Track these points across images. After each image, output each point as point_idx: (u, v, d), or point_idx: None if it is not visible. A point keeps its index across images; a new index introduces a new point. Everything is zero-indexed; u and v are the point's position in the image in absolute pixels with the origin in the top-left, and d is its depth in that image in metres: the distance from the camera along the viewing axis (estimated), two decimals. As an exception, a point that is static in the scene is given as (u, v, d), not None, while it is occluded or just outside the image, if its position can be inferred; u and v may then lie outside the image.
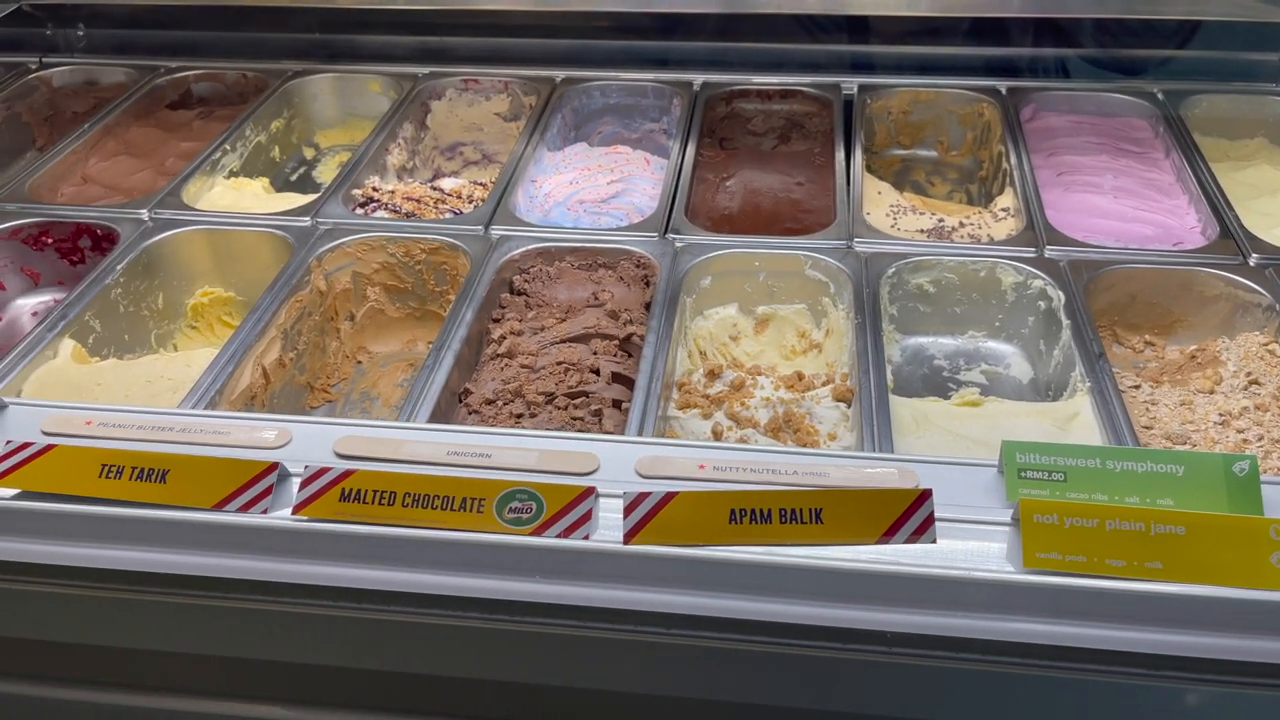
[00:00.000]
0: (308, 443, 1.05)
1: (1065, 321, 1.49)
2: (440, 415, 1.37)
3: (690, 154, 1.94)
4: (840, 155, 1.91)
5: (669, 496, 0.93)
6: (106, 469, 0.98)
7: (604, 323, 1.55)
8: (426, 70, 2.27)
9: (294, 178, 2.21)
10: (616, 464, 1.02)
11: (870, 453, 1.06)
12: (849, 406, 1.43)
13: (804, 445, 1.36)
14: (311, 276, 1.66)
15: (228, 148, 2.03)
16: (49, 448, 1.00)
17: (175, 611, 0.95)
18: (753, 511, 0.92)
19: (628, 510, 0.93)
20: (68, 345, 1.52)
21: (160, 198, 1.82)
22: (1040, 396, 1.52)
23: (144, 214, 1.78)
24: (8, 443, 1.01)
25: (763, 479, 0.99)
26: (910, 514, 0.92)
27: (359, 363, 1.77)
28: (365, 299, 1.77)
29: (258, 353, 1.50)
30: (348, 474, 0.97)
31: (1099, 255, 1.60)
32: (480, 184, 1.95)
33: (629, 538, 0.92)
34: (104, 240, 1.78)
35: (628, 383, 1.45)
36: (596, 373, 1.45)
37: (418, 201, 1.82)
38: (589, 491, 0.94)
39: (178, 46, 2.39)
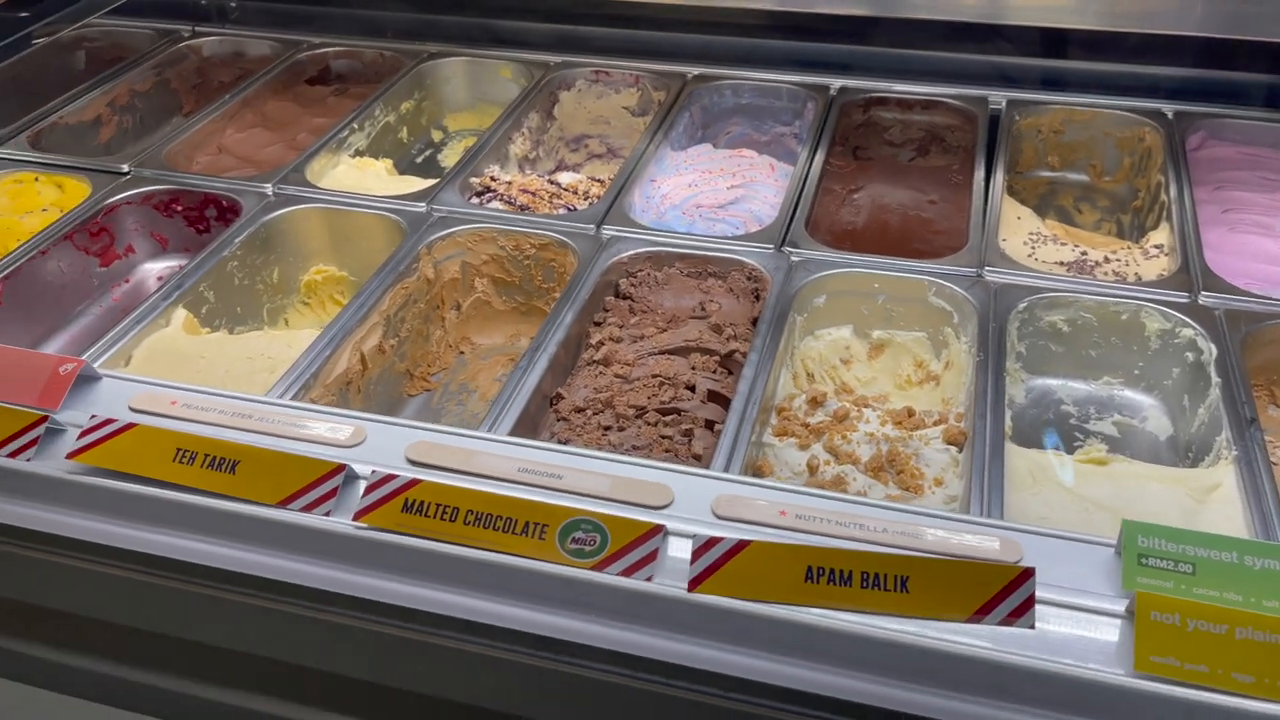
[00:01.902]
0: (382, 443, 1.03)
1: (1215, 379, 1.34)
2: (529, 419, 1.33)
3: (818, 162, 1.85)
4: (980, 174, 1.79)
5: (741, 545, 0.86)
6: (181, 453, 0.98)
7: (706, 336, 1.49)
8: (558, 59, 2.24)
9: (420, 160, 2.21)
10: (692, 499, 0.95)
11: (973, 516, 0.96)
12: (960, 451, 1.33)
13: (906, 488, 1.27)
14: (420, 264, 1.65)
15: (355, 126, 2.04)
16: (130, 426, 1.00)
17: (220, 606, 0.93)
18: (832, 571, 0.85)
19: (696, 554, 0.86)
20: (180, 315, 1.55)
21: (284, 173, 1.84)
22: (1178, 458, 1.38)
23: (268, 188, 1.80)
24: (92, 417, 1.01)
25: (849, 534, 0.91)
26: (1008, 593, 0.82)
27: (461, 353, 1.76)
28: (473, 290, 1.75)
29: (357, 338, 1.50)
30: (413, 484, 0.94)
31: (1261, 306, 1.45)
32: (599, 180, 1.91)
33: (694, 585, 0.85)
34: (228, 211, 1.81)
35: (724, 402, 1.38)
36: (692, 389, 1.39)
37: (533, 195, 1.79)
38: (657, 530, 0.88)
39: (323, 22, 2.42)
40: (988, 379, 1.34)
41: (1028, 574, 0.83)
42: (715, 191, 1.81)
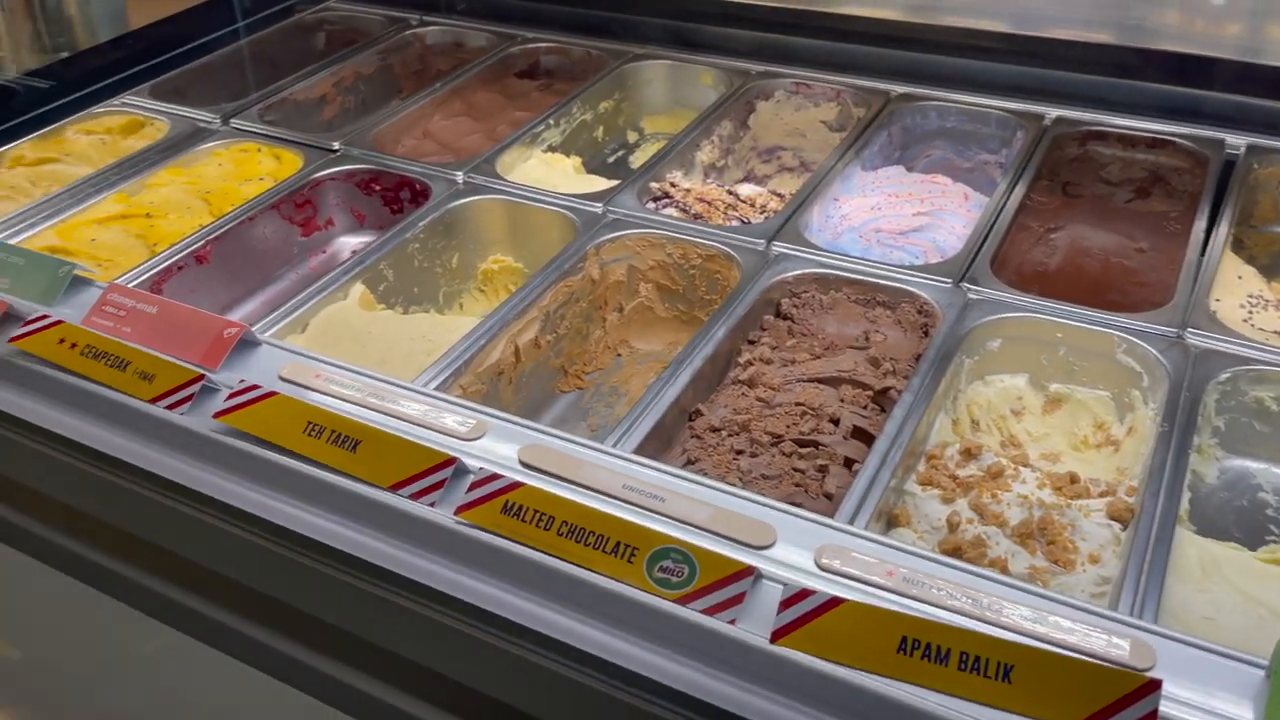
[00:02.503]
0: (500, 439, 1.04)
1: None
2: (663, 432, 1.31)
3: (1018, 195, 1.73)
4: (1201, 224, 1.62)
5: (834, 602, 0.81)
6: (311, 426, 1.02)
7: (861, 368, 1.42)
8: (760, 68, 2.20)
9: (611, 160, 2.23)
10: (796, 544, 0.90)
11: (1106, 609, 0.86)
12: (1124, 528, 1.20)
13: (1055, 561, 1.16)
14: (586, 263, 1.66)
15: (551, 122, 2.08)
16: (271, 394, 1.05)
17: (320, 580, 0.96)
18: (928, 646, 0.78)
19: (785, 604, 0.82)
20: (358, 289, 1.62)
21: (476, 163, 1.90)
22: (1394, 573, 1.19)
23: (458, 176, 1.87)
24: (240, 381, 1.07)
25: (958, 606, 0.83)
26: (1126, 705, 0.73)
27: (618, 356, 1.76)
28: (636, 294, 1.75)
29: (514, 331, 1.52)
30: (515, 486, 0.94)
31: None
32: (779, 195, 1.86)
33: (777, 636, 0.81)
34: (420, 195, 1.89)
35: (869, 441, 1.32)
36: (836, 423, 1.32)
37: (708, 204, 1.77)
38: (748, 571, 0.84)
39: (539, 17, 2.49)
40: (1169, 453, 1.20)
41: (1153, 686, 0.73)
42: (899, 217, 1.73)
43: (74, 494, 1.10)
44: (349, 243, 1.97)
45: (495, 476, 0.94)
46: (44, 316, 1.18)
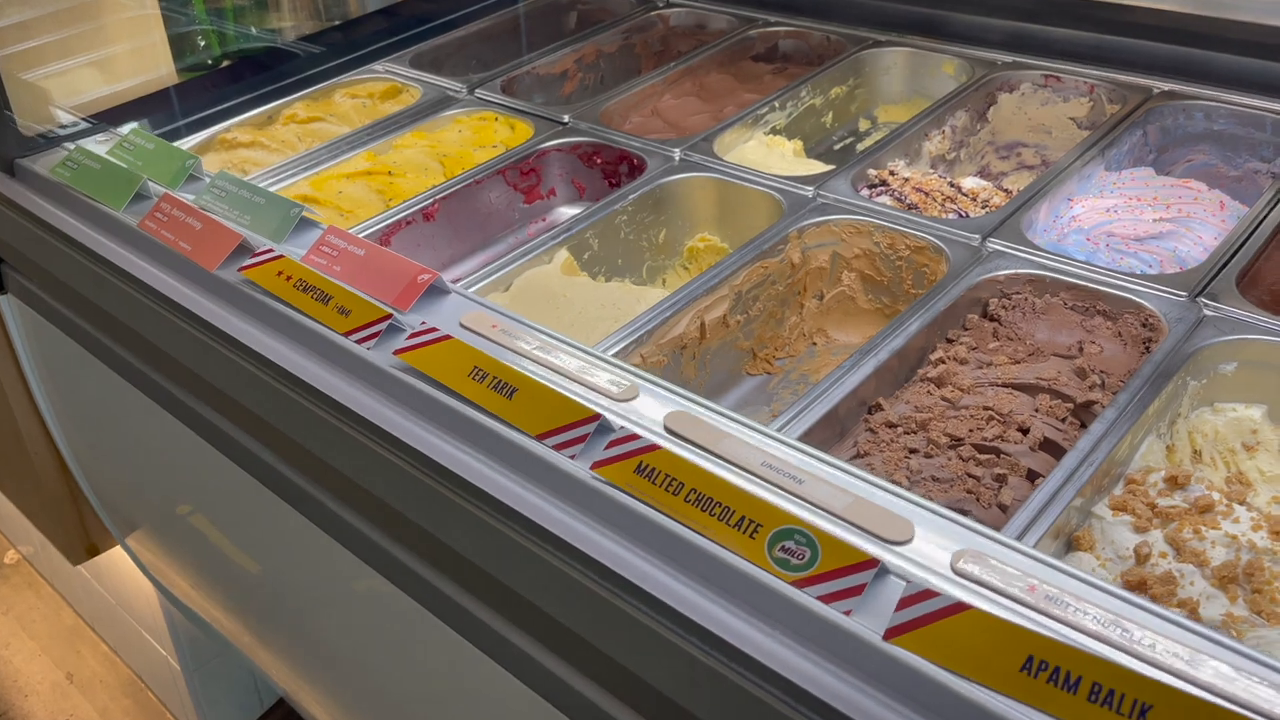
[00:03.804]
0: (651, 404, 1.04)
1: None
2: (835, 421, 1.27)
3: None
4: None
5: (958, 606, 0.75)
6: (476, 370, 1.06)
7: (1065, 379, 1.31)
8: (1008, 58, 2.08)
9: (839, 147, 2.18)
10: (934, 544, 0.85)
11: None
12: (1354, 589, 1.04)
13: (1259, 612, 1.03)
14: (787, 246, 1.63)
15: (776, 105, 2.06)
16: (445, 338, 1.11)
17: (461, 516, 1.00)
18: (1056, 670, 0.71)
19: (903, 603, 0.77)
20: (562, 255, 1.67)
21: (695, 141, 1.90)
22: None
23: (675, 153, 1.88)
24: (422, 323, 1.14)
25: (1104, 634, 0.75)
26: (1284, 773, 0.63)
27: (814, 344, 1.72)
28: (839, 282, 1.69)
29: (701, 306, 1.52)
30: (651, 448, 0.93)
31: None
32: (1008, 191, 1.74)
33: (891, 634, 0.76)
34: (637, 170, 1.92)
35: (1060, 455, 1.21)
36: (1025, 433, 1.23)
37: (925, 194, 1.69)
38: (871, 563, 0.80)
39: (781, 1, 2.46)
40: None
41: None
42: (1137, 222, 1.57)
43: (273, 413, 1.21)
44: (567, 213, 2.04)
45: (633, 437, 0.94)
46: (269, 250, 1.30)
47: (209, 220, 1.38)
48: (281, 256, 1.28)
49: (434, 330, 1.12)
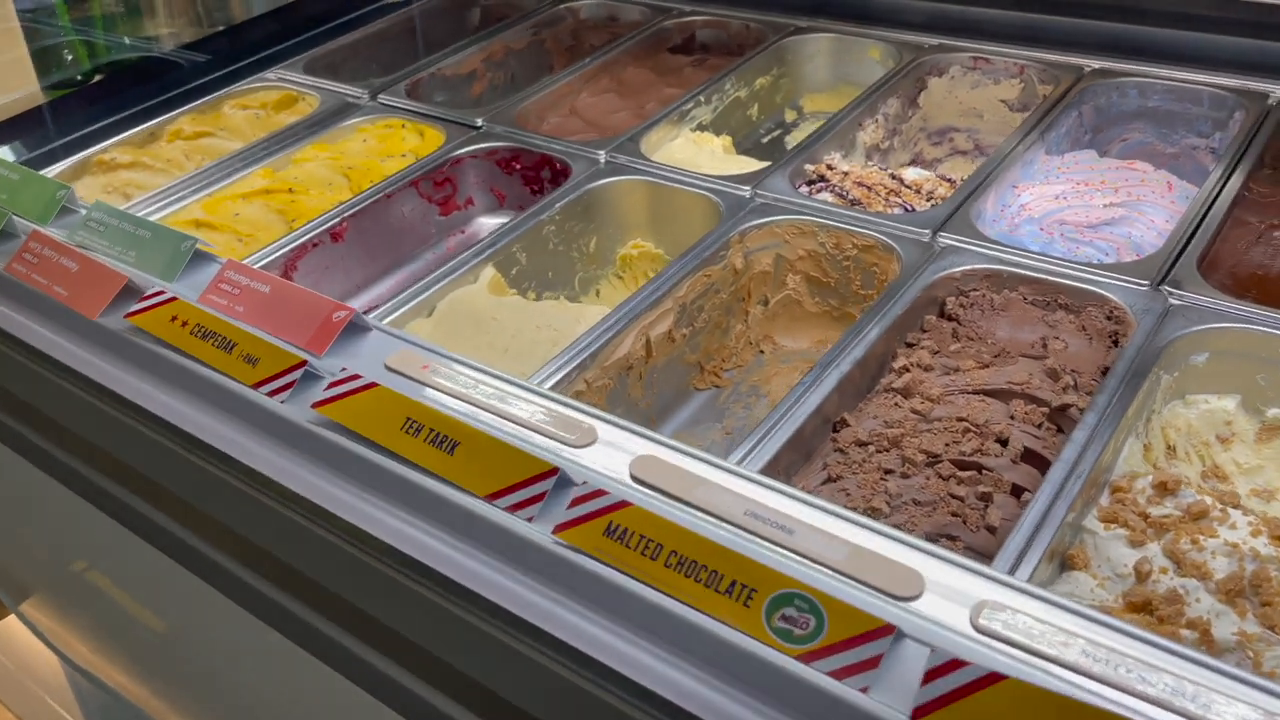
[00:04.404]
0: (611, 448, 0.92)
1: None
2: (801, 442, 1.18)
3: (1234, 186, 1.49)
4: None
5: (992, 677, 0.66)
6: (410, 423, 0.93)
7: (1037, 381, 1.23)
8: (934, 41, 2.01)
9: (766, 140, 2.09)
10: (949, 596, 0.75)
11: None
12: (1363, 593, 0.99)
13: (1271, 626, 0.96)
14: (729, 252, 1.53)
15: (701, 99, 1.96)
16: (371, 385, 0.98)
17: (402, 592, 0.88)
18: (1112, 745, 0.62)
19: (930, 675, 0.67)
20: (488, 272, 1.55)
21: (620, 141, 1.79)
22: None
23: (600, 155, 1.77)
24: (342, 369, 1.00)
25: (1164, 699, 0.67)
26: None
27: (761, 352, 1.62)
28: (784, 286, 1.60)
29: (645, 323, 1.41)
30: (621, 505, 0.82)
31: None
32: (949, 180, 1.67)
33: (919, 715, 0.66)
34: (561, 175, 1.80)
35: (1042, 467, 1.14)
36: (1004, 444, 1.15)
37: (868, 189, 1.61)
38: (886, 630, 0.70)
39: (695, -11, 2.36)
40: None
41: None
42: (1088, 208, 1.52)
43: (173, 480, 1.06)
44: (487, 223, 1.91)
45: (599, 493, 0.83)
46: (160, 293, 1.15)
47: (86, 260, 1.22)
48: (174, 299, 1.13)
49: (356, 377, 0.99)
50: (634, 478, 0.88)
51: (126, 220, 1.29)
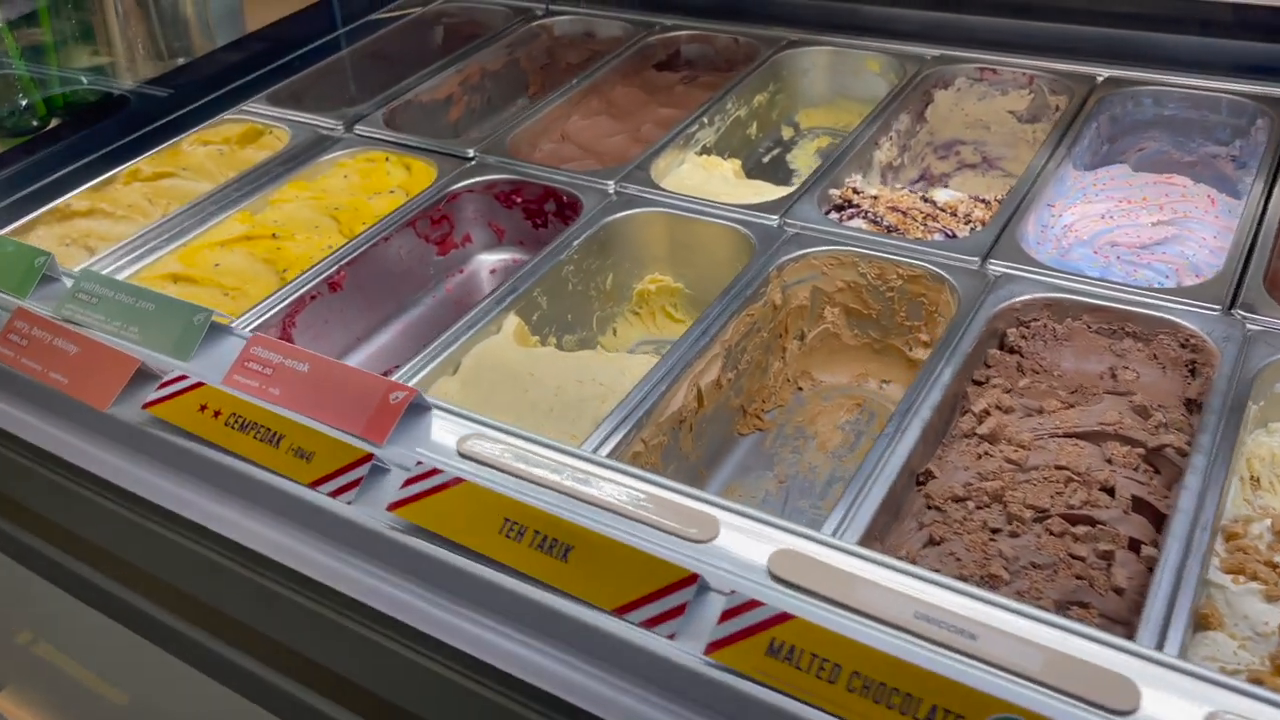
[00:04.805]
0: (737, 542, 0.83)
1: None
2: (892, 502, 1.09)
3: (1278, 197, 1.46)
4: None
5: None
6: (510, 526, 0.82)
7: (1128, 421, 1.17)
8: (935, 52, 1.95)
9: (766, 159, 2.01)
10: (1168, 704, 0.68)
11: None
12: None
13: None
14: (769, 288, 1.45)
15: (705, 121, 1.87)
16: (455, 481, 0.86)
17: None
18: None
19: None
20: (512, 322, 1.43)
21: (628, 170, 1.69)
22: None
23: (609, 186, 1.66)
24: (418, 464, 0.89)
25: None
26: None
27: (799, 389, 1.54)
28: (821, 319, 1.52)
29: (696, 372, 1.32)
30: (782, 618, 0.73)
31: None
32: (982, 200, 1.61)
33: None
34: (567, 208, 1.70)
35: (1151, 514, 1.08)
36: (1110, 493, 1.09)
37: (903, 214, 1.53)
38: (1127, 759, 0.62)
39: (674, 3, 2.27)
40: None
41: None
42: (1137, 227, 1.47)
43: (220, 597, 0.93)
44: (486, 261, 1.79)
45: (753, 604, 0.73)
46: (182, 377, 1.01)
47: (87, 342, 1.07)
48: (200, 384, 1.00)
49: (436, 472, 0.87)
50: (776, 577, 0.78)
51: (124, 291, 1.15)
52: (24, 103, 1.64)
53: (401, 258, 1.67)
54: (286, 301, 1.50)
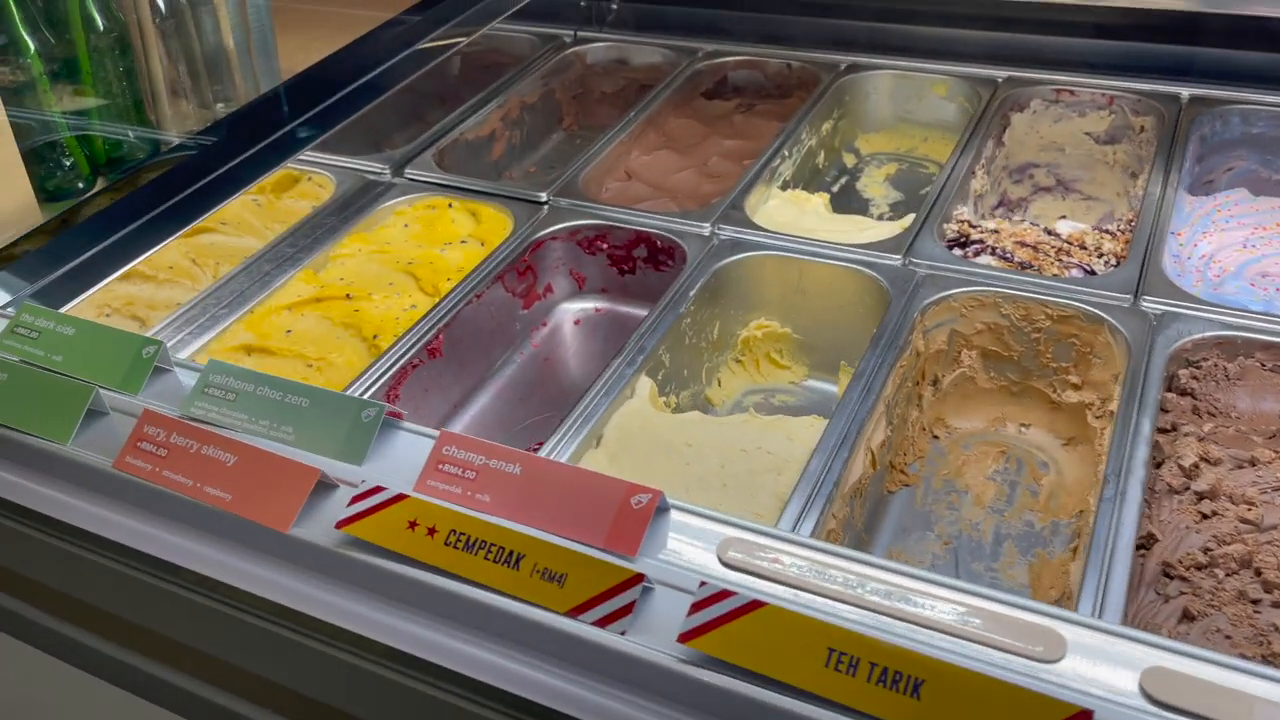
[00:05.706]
0: (1088, 657, 0.74)
1: None
2: (1132, 585, 1.01)
3: (1406, 220, 1.43)
4: None
5: None
6: (838, 657, 0.72)
7: (1347, 468, 1.12)
8: (1004, 75, 1.90)
9: (835, 188, 1.94)
10: None
11: None
12: None
13: None
14: (914, 335, 1.36)
15: (785, 154, 1.78)
16: (754, 605, 0.76)
17: None
18: None
19: None
20: (645, 384, 1.33)
21: (722, 210, 1.59)
22: None
23: (705, 228, 1.57)
24: (701, 584, 0.78)
25: None
26: None
27: (935, 437, 1.46)
28: (957, 363, 1.45)
29: (868, 434, 1.23)
30: (1209, 759, 0.64)
31: None
32: (1107, 231, 1.56)
33: None
34: (661, 253, 1.59)
35: (1404, 571, 1.02)
36: (1360, 550, 1.03)
37: (1033, 249, 1.47)
38: None
39: (711, 26, 2.18)
40: None
41: None
42: (1279, 255, 1.43)
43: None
44: (570, 310, 1.68)
45: (1171, 742, 0.64)
46: (378, 489, 0.88)
47: (247, 449, 0.93)
48: (403, 496, 0.87)
49: (727, 595, 0.76)
50: (1158, 701, 0.70)
51: (268, 384, 1.00)
52: (68, 163, 1.46)
53: (491, 315, 1.55)
54: (387, 373, 1.36)
